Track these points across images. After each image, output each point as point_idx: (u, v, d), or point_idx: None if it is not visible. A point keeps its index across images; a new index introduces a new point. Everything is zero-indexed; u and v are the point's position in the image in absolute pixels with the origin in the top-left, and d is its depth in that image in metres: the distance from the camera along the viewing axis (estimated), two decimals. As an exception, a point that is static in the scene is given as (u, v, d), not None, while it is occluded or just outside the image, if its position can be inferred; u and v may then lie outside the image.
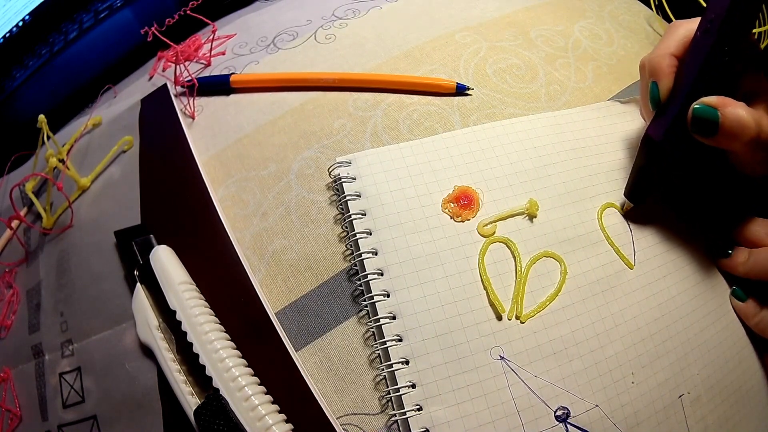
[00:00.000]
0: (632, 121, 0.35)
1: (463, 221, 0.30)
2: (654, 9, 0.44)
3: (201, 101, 0.40)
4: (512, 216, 0.30)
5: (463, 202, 0.30)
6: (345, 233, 0.30)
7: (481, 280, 0.28)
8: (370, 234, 0.29)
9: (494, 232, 0.30)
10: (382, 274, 0.28)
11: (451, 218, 0.30)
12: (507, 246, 0.29)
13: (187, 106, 0.39)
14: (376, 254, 0.29)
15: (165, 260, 0.31)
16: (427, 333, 0.27)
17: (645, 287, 0.29)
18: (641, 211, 0.31)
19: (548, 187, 0.31)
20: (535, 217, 0.30)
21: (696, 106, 0.26)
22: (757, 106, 0.26)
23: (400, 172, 0.31)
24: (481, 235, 0.29)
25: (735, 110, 0.25)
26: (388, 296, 0.28)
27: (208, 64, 0.44)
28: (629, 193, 0.31)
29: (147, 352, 0.30)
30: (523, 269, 0.29)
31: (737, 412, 0.29)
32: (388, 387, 0.26)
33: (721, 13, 0.25)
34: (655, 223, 0.31)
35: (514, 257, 0.29)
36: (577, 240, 0.30)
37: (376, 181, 0.31)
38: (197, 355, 0.27)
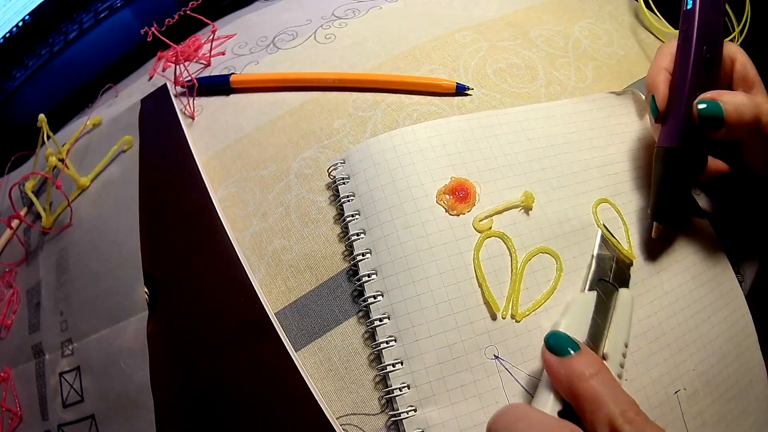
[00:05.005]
0: (626, 114, 0.35)
1: (458, 215, 0.29)
2: (644, 9, 0.44)
3: (201, 101, 0.40)
4: (508, 209, 0.30)
5: (459, 195, 0.29)
6: (344, 233, 0.31)
7: (476, 277, 0.28)
8: (365, 234, 0.29)
9: (490, 227, 0.29)
10: (376, 275, 0.28)
11: (445, 211, 0.29)
12: (503, 241, 0.29)
13: (187, 106, 0.39)
14: (370, 254, 0.29)
15: None
16: (420, 333, 0.27)
17: (639, 283, 0.29)
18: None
19: (542, 181, 0.31)
20: (531, 209, 0.30)
21: (698, 102, 0.27)
22: (753, 93, 0.29)
23: (390, 163, 0.30)
24: (476, 230, 0.29)
25: (734, 97, 0.27)
26: (383, 297, 0.28)
27: (208, 64, 0.44)
28: (655, 211, 0.29)
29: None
30: (518, 265, 0.28)
31: (735, 407, 0.29)
32: (386, 387, 0.26)
33: (693, 19, 0.29)
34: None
35: (510, 253, 0.29)
36: (572, 235, 0.30)
37: (367, 177, 0.30)
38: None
